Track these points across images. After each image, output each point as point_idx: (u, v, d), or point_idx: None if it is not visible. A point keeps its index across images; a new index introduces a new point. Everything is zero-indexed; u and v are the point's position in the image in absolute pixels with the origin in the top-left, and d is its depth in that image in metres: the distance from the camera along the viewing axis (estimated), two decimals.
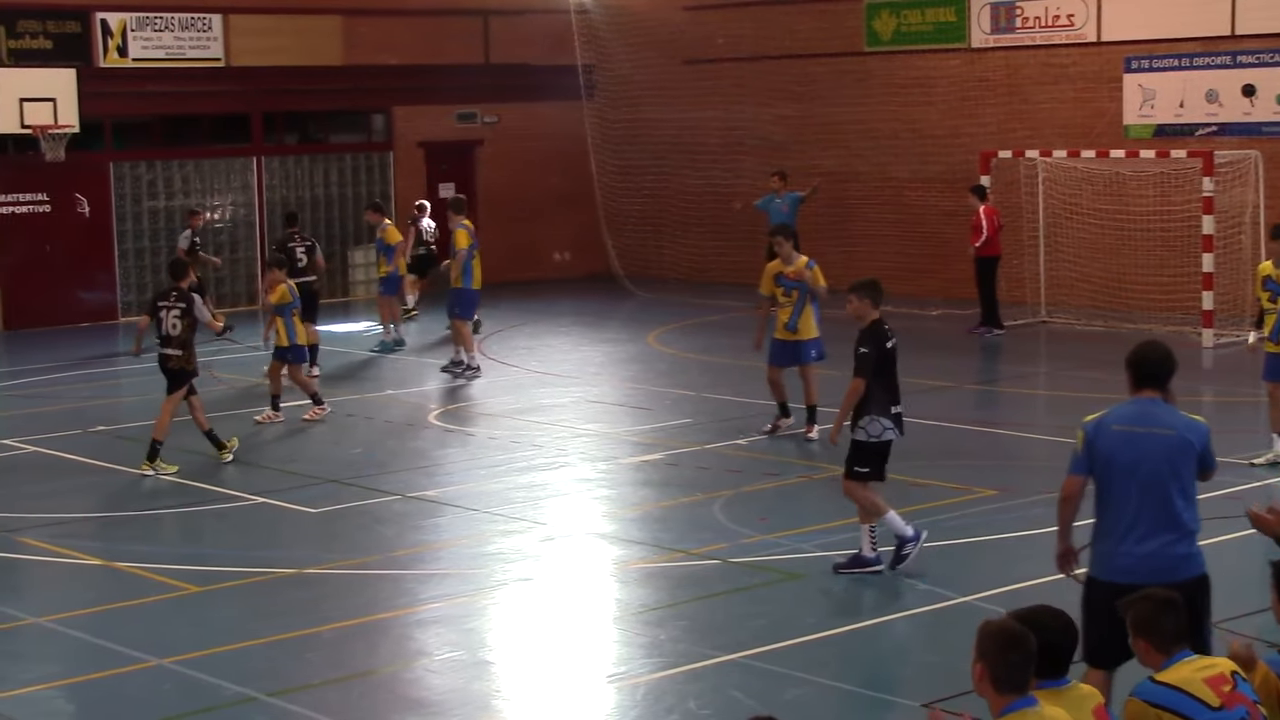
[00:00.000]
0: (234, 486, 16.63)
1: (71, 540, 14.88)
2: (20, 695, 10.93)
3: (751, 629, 11.83)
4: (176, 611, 12.75)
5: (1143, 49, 27.15)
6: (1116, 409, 8.86)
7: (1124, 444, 8.63)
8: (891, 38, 30.44)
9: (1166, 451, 8.59)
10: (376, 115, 32.97)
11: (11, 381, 23.91)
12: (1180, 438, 8.62)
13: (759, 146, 32.16)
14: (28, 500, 16.46)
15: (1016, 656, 6.43)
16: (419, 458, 18.16)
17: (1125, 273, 26.70)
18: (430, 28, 33.25)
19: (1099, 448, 8.69)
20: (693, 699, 10.52)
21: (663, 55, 33.41)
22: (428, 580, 13.47)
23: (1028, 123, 28.32)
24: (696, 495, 15.93)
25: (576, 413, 20.37)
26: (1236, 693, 6.85)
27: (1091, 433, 8.75)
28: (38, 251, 28.91)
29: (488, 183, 33.58)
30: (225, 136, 31.37)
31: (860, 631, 11.74)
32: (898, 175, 30.31)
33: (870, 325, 13.01)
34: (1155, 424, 8.65)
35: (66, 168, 28.61)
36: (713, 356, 24.36)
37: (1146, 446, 8.59)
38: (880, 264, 29.60)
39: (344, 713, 10.45)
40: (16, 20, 28.60)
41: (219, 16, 30.53)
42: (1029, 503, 15.18)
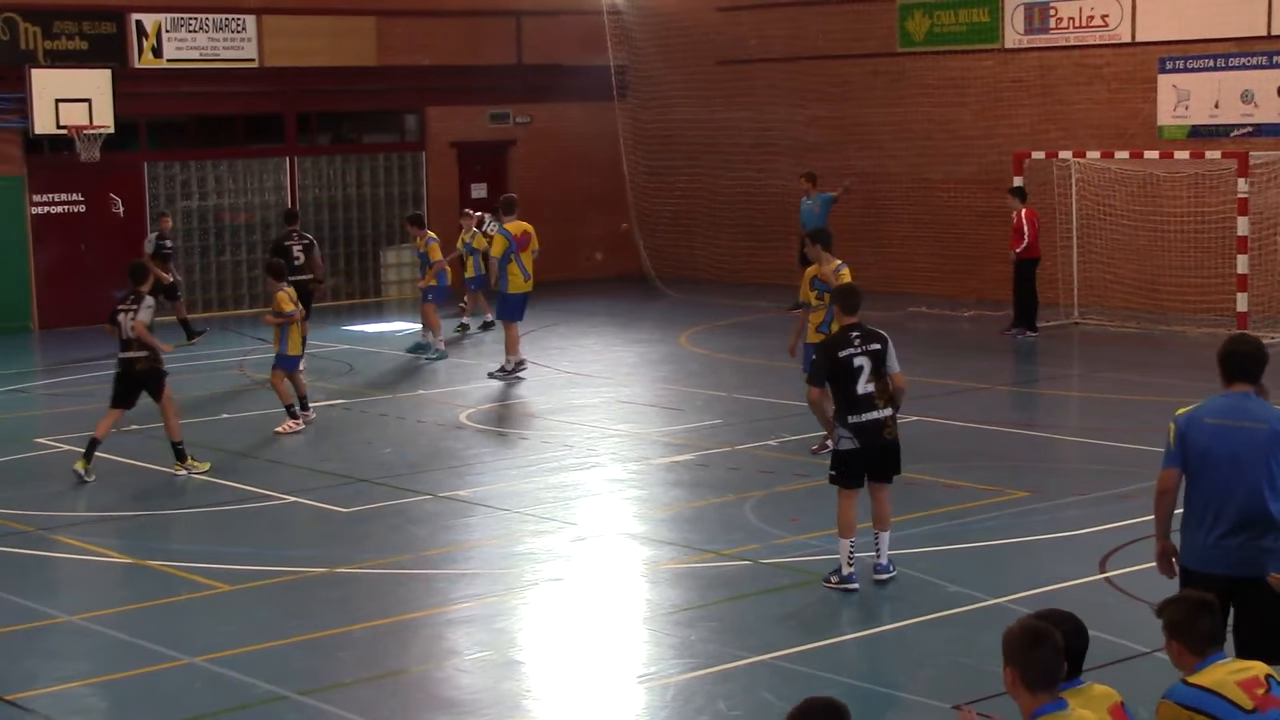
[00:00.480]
0: (265, 485, 16.66)
1: (103, 539, 14.94)
2: (54, 692, 10.98)
3: (782, 630, 11.83)
4: (208, 610, 12.80)
5: (1177, 49, 27.05)
6: (1209, 402, 8.91)
7: (1216, 437, 8.69)
8: (925, 38, 30.39)
9: (1258, 445, 8.64)
10: (410, 115, 33.04)
11: (45, 380, 24.04)
12: (1272, 431, 8.66)
13: (792, 147, 32.13)
14: (60, 499, 16.53)
15: (1042, 653, 6.39)
16: (450, 458, 18.18)
17: (1159, 274, 26.62)
18: (463, 28, 33.31)
19: (1191, 441, 8.75)
20: (723, 700, 10.52)
21: (695, 56, 33.42)
22: (458, 580, 13.48)
23: (1061, 124, 28.25)
24: (728, 496, 15.92)
25: (608, 413, 20.38)
26: (1270, 695, 6.81)
27: (1183, 426, 8.80)
28: (72, 251, 29.03)
29: (520, 183, 33.56)
30: (259, 137, 31.47)
31: (891, 633, 11.72)
32: (931, 176, 30.25)
33: (835, 333, 12.79)
34: (1247, 418, 8.69)
35: (101, 168, 28.75)
36: (744, 357, 24.35)
37: (1238, 440, 8.64)
38: (913, 265, 29.65)
39: (375, 712, 10.46)
40: (52, 21, 28.73)
41: (253, 18, 30.64)
42: (1061, 504, 15.16)
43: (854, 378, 12.36)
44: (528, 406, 20.98)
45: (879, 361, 12.44)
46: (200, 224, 30.41)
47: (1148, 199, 26.57)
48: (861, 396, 12.37)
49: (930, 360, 22.60)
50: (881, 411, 12.46)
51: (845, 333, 12.57)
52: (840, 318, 12.78)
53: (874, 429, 12.42)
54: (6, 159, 28.48)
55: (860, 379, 12.35)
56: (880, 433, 12.46)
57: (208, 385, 22.82)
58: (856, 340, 12.46)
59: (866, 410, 12.38)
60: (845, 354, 12.41)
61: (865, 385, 12.36)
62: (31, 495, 16.65)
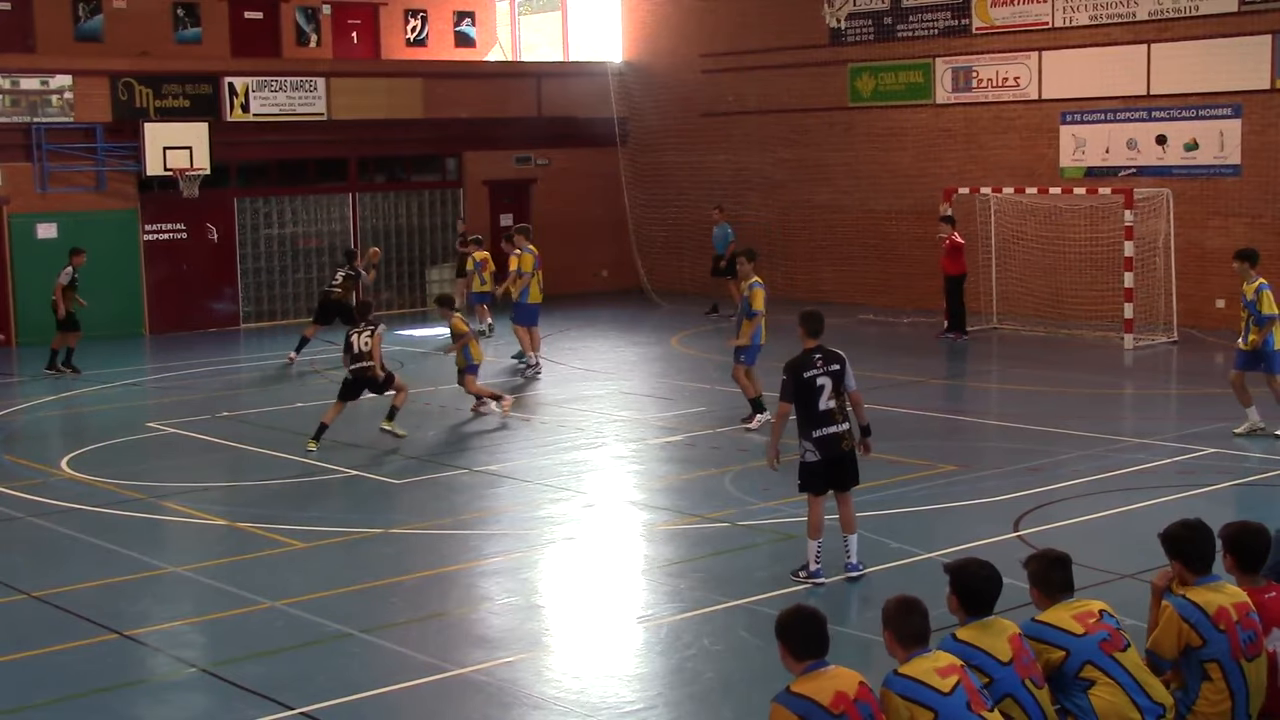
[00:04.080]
0: (333, 462, 16.64)
1: (203, 504, 14.94)
2: (162, 629, 10.98)
3: (756, 580, 11.83)
4: (286, 563, 12.80)
5: (1075, 106, 27.05)
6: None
7: None
8: (871, 95, 30.35)
9: None
10: (450, 159, 32.98)
11: (155, 376, 24.01)
12: None
13: (762, 184, 32.14)
14: (168, 472, 16.53)
15: (913, 618, 6.64)
16: (482, 439, 18.16)
17: (1062, 288, 26.62)
18: (493, 87, 33.30)
19: None
20: (706, 637, 10.51)
21: (683, 109, 33.41)
22: (489, 539, 13.47)
23: (982, 165, 28.23)
24: (710, 470, 15.90)
25: (612, 402, 20.36)
26: (1101, 623, 7.08)
27: None
28: (176, 271, 29.04)
29: (540, 213, 33.56)
30: (327, 177, 31.41)
31: (844, 582, 11.70)
32: (876, 208, 30.23)
33: (800, 354, 11.83)
34: None
35: (200, 203, 28.73)
36: (724, 357, 24.23)
37: None
38: (863, 280, 29.64)
39: (422, 646, 10.45)
40: (161, 84, 28.73)
41: (323, 79, 30.61)
42: (982, 476, 15.15)
43: (816, 396, 11.59)
44: (546, 396, 20.95)
45: (838, 380, 11.67)
46: (280, 248, 30.36)
47: (1052, 226, 26.56)
48: (822, 413, 11.60)
49: (876, 359, 22.58)
50: (840, 426, 11.69)
51: (809, 355, 11.71)
52: (804, 340, 11.83)
53: (834, 441, 11.68)
54: (124, 196, 28.45)
55: (821, 397, 11.58)
56: (839, 445, 11.70)
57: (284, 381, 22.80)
58: (819, 361, 11.69)
59: (826, 425, 11.63)
60: (809, 375, 11.62)
61: (826, 402, 11.59)
62: (144, 469, 16.64)
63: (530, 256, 22.62)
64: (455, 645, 10.58)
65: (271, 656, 10.34)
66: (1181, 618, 7.14)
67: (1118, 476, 14.88)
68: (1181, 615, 7.15)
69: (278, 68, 30.80)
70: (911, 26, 29.50)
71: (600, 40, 36.34)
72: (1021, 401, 19.70)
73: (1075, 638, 6.96)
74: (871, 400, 18.98)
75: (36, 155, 27.35)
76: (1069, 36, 27.15)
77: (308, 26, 34.49)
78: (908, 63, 29.54)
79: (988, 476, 15.12)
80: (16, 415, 20.42)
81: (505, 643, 10.56)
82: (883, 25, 29.94)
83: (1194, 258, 25.26)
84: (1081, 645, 6.95)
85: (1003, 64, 28.07)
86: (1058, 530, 12.88)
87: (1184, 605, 7.18)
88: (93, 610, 11.36)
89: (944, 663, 6.53)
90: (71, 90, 27.85)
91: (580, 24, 37.39)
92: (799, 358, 11.77)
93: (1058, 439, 16.68)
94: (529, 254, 22.65)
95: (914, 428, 17.92)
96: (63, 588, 11.96)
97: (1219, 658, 7.09)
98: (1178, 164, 25.84)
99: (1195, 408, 18.68)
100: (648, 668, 10.19)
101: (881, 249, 30.01)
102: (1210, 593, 7.22)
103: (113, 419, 19.78)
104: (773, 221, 31.60)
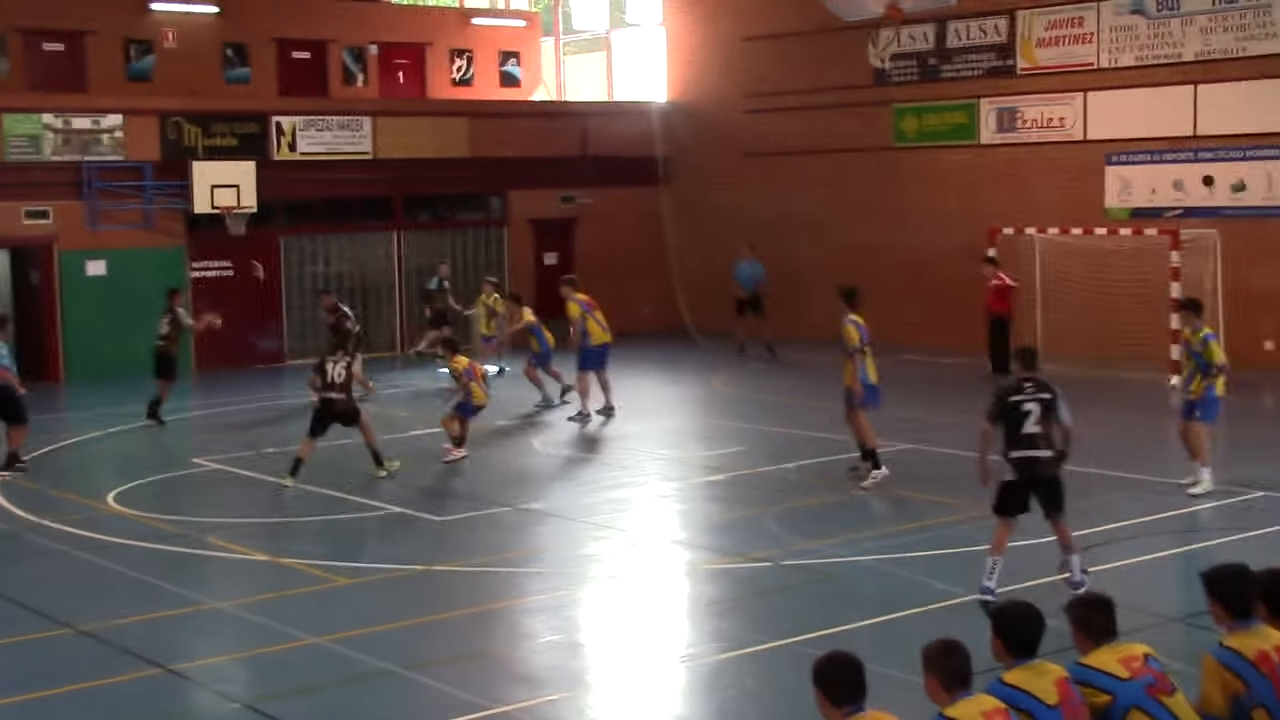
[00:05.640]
0: (376, 498, 16.69)
1: (246, 540, 14.99)
2: (204, 664, 11.02)
3: (798, 620, 11.74)
4: (329, 600, 12.82)
5: (1121, 146, 26.97)
6: None
7: None
8: (915, 136, 30.35)
9: None
10: (494, 198, 33.13)
11: (201, 412, 24.16)
12: None
13: (805, 224, 32.13)
14: (212, 507, 16.62)
15: (955, 660, 6.52)
16: (525, 477, 18.16)
17: (1107, 328, 26.44)
18: (539, 127, 33.47)
19: None
20: (749, 677, 10.47)
21: (727, 149, 33.48)
22: (533, 576, 13.46)
23: (1027, 205, 28.14)
24: (753, 509, 15.86)
25: (655, 441, 20.35)
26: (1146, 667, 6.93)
27: None
28: (223, 307, 29.17)
29: (583, 252, 33.67)
30: (372, 215, 31.58)
31: (887, 623, 11.63)
32: (920, 248, 30.17)
33: (1012, 380, 12.49)
34: None
35: (246, 240, 28.98)
36: (766, 396, 24.30)
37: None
38: (905, 320, 29.54)
39: (465, 685, 10.42)
40: (210, 123, 29.04)
41: (369, 118, 30.86)
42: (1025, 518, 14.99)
43: (1021, 420, 12.08)
44: (589, 434, 20.95)
45: (1048, 409, 12.13)
46: (325, 286, 30.52)
47: (1098, 267, 26.42)
48: (1025, 436, 12.07)
49: (919, 399, 22.51)
50: (1041, 451, 12.11)
51: (1020, 381, 12.33)
52: (1019, 371, 12.59)
53: (1032, 465, 12.10)
54: (172, 233, 28.71)
55: (1027, 421, 12.07)
56: (1037, 469, 12.11)
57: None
58: (1029, 389, 12.21)
59: (1028, 448, 12.07)
60: (1015, 399, 12.14)
61: (1030, 427, 12.07)
62: (188, 504, 16.75)
63: (574, 304, 22.40)
64: (497, 683, 10.55)
65: (314, 693, 10.35)
66: (1222, 666, 7.05)
67: (1164, 519, 14.76)
68: (1221, 663, 7.06)
69: (325, 107, 31.07)
70: (956, 67, 29.50)
71: (644, 80, 36.50)
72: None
73: (1121, 682, 6.88)
74: (915, 441, 19.06)
75: (87, 193, 27.65)
76: (1115, 77, 27.10)
77: (355, 66, 34.81)
78: (952, 103, 29.53)
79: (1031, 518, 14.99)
80: (64, 450, 20.58)
81: (548, 681, 10.53)
82: (927, 65, 29.96)
83: (1241, 299, 25.08)
84: (1128, 690, 6.88)
85: (1048, 104, 28.02)
86: (1102, 573, 12.76)
87: (1222, 654, 7.10)
88: (137, 645, 11.40)
89: (989, 706, 6.46)
90: (122, 129, 28.16)
91: (625, 64, 37.58)
92: (1010, 383, 12.45)
93: (1103, 480, 16.55)
94: (574, 301, 22.43)
95: (958, 469, 17.77)
96: (107, 622, 12.02)
97: (1265, 703, 7.00)
98: (1225, 205, 25.71)
99: (1243, 450, 18.50)
100: (690, 708, 10.15)
101: (925, 290, 29.93)
102: (1249, 638, 7.13)
103: (158, 455, 19.91)
104: (815, 261, 31.58)
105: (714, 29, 34.01)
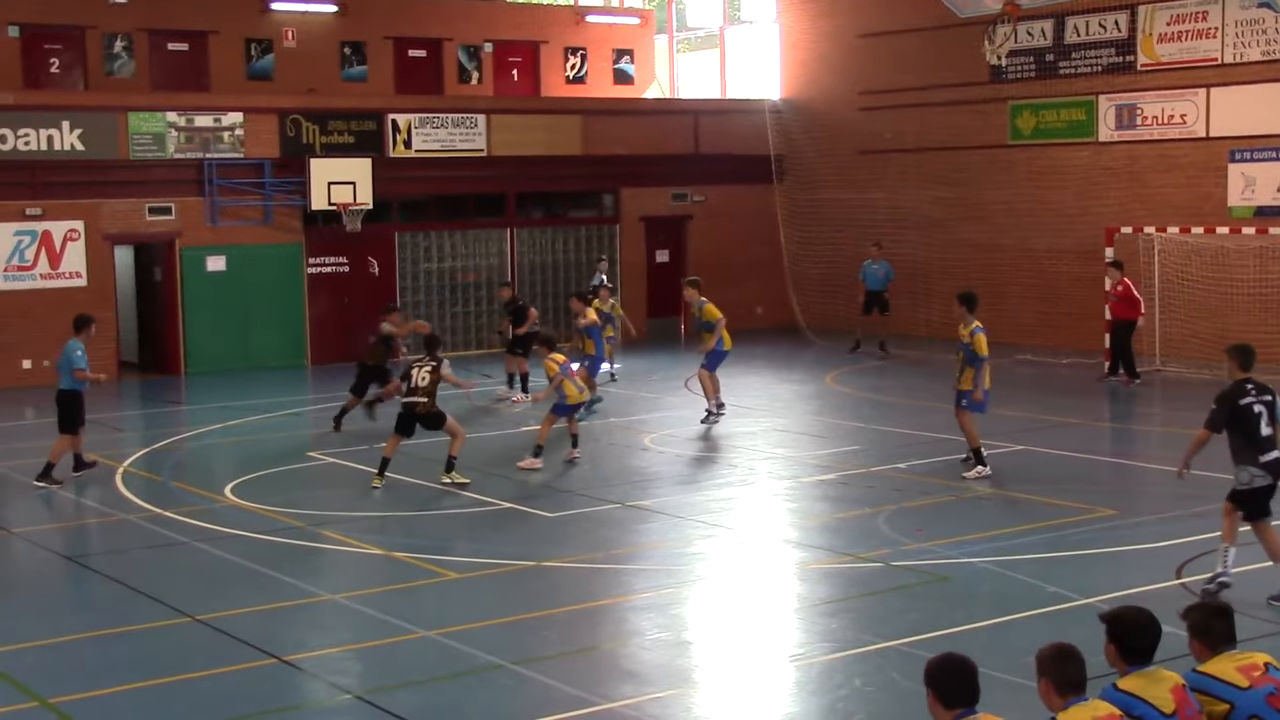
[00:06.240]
0: (487, 494, 16.80)
1: (359, 533, 15.16)
2: (318, 656, 11.15)
3: (909, 621, 11.65)
4: (441, 594, 12.92)
5: (1244, 143, 26.43)
6: None
7: None
8: (1032, 133, 29.97)
9: None
10: (607, 195, 33.23)
11: (315, 406, 24.46)
12: None
13: (919, 222, 31.89)
14: (326, 501, 16.81)
15: (1070, 665, 6.42)
16: (635, 474, 18.18)
17: (1228, 330, 25.83)
18: (652, 125, 33.51)
19: None
20: (859, 678, 10.39)
21: (840, 147, 33.31)
22: (640, 574, 13.47)
23: (1146, 204, 27.69)
24: (865, 509, 15.75)
25: (766, 439, 20.28)
26: (1267, 676, 6.77)
27: None
28: (338, 303, 29.62)
29: (696, 250, 33.67)
30: (486, 211, 31.80)
31: (999, 625, 11.50)
32: (1035, 247, 29.80)
33: (1231, 385, 12.16)
34: None
35: (362, 236, 29.33)
36: (879, 395, 24.13)
37: None
38: (1020, 320, 29.18)
39: (572, 680, 10.46)
40: (328, 121, 29.42)
41: (483, 116, 31.09)
42: (1141, 521, 14.81)
43: (1255, 423, 11.87)
44: (700, 432, 20.92)
45: (1271, 410, 11.96)
46: (439, 282, 30.85)
47: (1219, 267, 25.93)
48: (1266, 438, 11.90)
49: (1033, 400, 22.23)
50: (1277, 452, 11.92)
51: (1241, 385, 12.03)
52: (1234, 372, 12.19)
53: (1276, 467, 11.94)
54: (289, 229, 29.14)
55: (1261, 423, 11.88)
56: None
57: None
58: (1252, 390, 12.00)
59: (1272, 450, 11.92)
60: (1245, 402, 11.93)
61: (1265, 428, 11.89)
62: (304, 497, 16.96)
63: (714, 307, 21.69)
64: (605, 679, 10.57)
65: (424, 685, 10.43)
66: None
67: None
68: None
69: (440, 105, 31.36)
70: (1074, 63, 29.09)
71: (758, 78, 36.40)
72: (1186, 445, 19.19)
73: (1240, 691, 6.75)
74: (1029, 442, 18.82)
75: (208, 190, 28.15)
76: (1239, 73, 26.56)
77: (470, 64, 35.10)
78: (1070, 100, 29.11)
79: (1149, 522, 14.77)
80: (184, 443, 20.97)
81: (655, 678, 10.53)
82: (1044, 62, 29.55)
83: None
84: (1248, 699, 6.74)
85: (1169, 100, 27.53)
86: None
87: None
88: (252, 635, 11.58)
89: (1104, 712, 6.37)
90: (242, 127, 28.63)
91: (738, 62, 37.51)
92: (1232, 388, 12.05)
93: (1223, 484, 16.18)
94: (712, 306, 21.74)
95: (1073, 471, 17.59)
96: (224, 612, 12.23)
97: None
98: None
99: None
100: (799, 707, 10.09)
101: (1040, 289, 29.56)
102: None
103: (275, 448, 20.20)
104: (929, 260, 31.33)
105: (828, 26, 33.83)
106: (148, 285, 29.16)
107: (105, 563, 14.31)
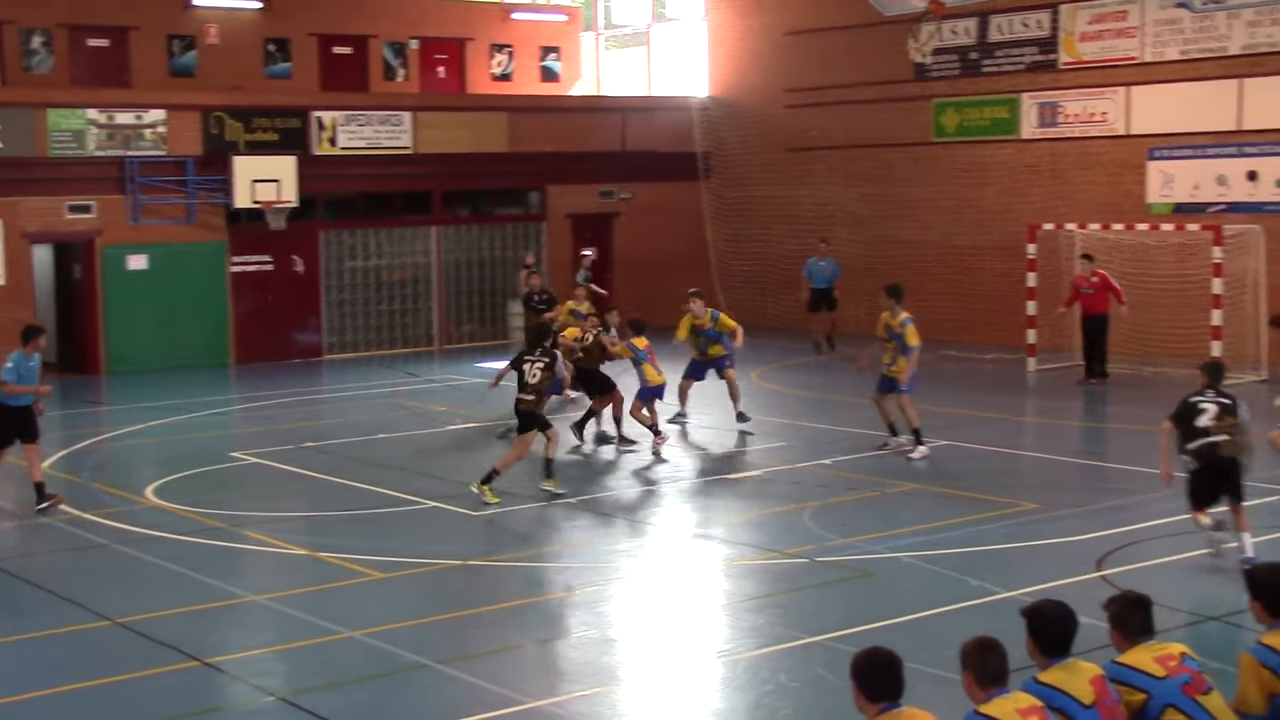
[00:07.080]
0: (413, 493, 16.72)
1: (283, 534, 15.06)
2: (241, 658, 11.06)
3: (834, 616, 11.72)
4: (365, 594, 12.85)
5: (1163, 141, 26.76)
6: None
7: None
8: (955, 130, 30.21)
9: None
10: (533, 192, 33.15)
11: (240, 406, 24.28)
12: None
13: (846, 219, 32.05)
14: (250, 501, 16.68)
15: (992, 659, 6.50)
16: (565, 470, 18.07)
17: (1149, 325, 26.21)
18: (578, 122, 33.48)
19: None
20: (785, 674, 10.43)
21: (768, 144, 33.42)
22: (566, 572, 13.47)
23: (1067, 201, 27.98)
24: (789, 505, 15.80)
25: (693, 436, 20.31)
26: (1183, 666, 6.91)
27: None
28: (262, 301, 29.38)
29: (622, 248, 33.67)
30: (412, 210, 31.63)
31: (923, 619, 11.59)
32: (960, 244, 30.04)
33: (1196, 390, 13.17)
34: None
35: (286, 235, 29.10)
36: (805, 392, 24.25)
37: None
38: (945, 316, 29.40)
39: (498, 679, 10.43)
40: (251, 118, 29.13)
41: (409, 113, 30.92)
42: (1063, 515, 14.96)
43: (1195, 415, 12.75)
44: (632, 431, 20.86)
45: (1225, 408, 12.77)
46: (364, 280, 30.65)
47: (1139, 263, 26.22)
48: (1198, 429, 12.70)
49: (957, 395, 22.40)
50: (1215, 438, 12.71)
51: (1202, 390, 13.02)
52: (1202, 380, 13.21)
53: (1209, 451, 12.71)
54: (213, 228, 28.85)
55: (1202, 417, 12.73)
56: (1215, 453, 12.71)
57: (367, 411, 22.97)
58: (1209, 393, 12.92)
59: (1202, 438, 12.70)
60: (1194, 399, 12.90)
61: (1203, 421, 12.71)
62: (227, 498, 16.81)
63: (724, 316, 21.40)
64: (531, 678, 10.57)
65: (349, 686, 10.38)
66: (1259, 664, 7.00)
67: None
68: (1260, 661, 7.00)
69: (365, 102, 31.18)
70: (998, 61, 29.34)
71: (685, 75, 36.45)
72: (1105, 440, 19.45)
73: (1157, 680, 6.84)
74: (954, 438, 18.97)
75: (129, 188, 27.82)
76: (1158, 71, 26.89)
77: (395, 61, 34.92)
78: (993, 98, 29.37)
79: (1071, 515, 14.93)
80: (104, 444, 20.72)
81: (581, 676, 10.54)
82: (968, 60, 29.80)
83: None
84: (1163, 688, 6.83)
85: (1090, 99, 27.83)
86: (1140, 570, 12.69)
87: (1261, 651, 7.04)
88: (174, 637, 11.46)
89: (1025, 704, 6.44)
90: (164, 124, 28.30)
91: (665, 59, 37.53)
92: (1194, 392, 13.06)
93: (1142, 478, 16.42)
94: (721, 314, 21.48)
95: (996, 465, 17.75)
96: (145, 615, 12.09)
97: None
98: (1269, 200, 25.47)
99: None
100: (725, 703, 10.13)
101: (965, 285, 29.79)
102: None
103: (197, 448, 19.99)
104: (856, 257, 31.48)
105: (755, 23, 33.94)
106: (68, 284, 28.77)
107: (23, 566, 14.11)
